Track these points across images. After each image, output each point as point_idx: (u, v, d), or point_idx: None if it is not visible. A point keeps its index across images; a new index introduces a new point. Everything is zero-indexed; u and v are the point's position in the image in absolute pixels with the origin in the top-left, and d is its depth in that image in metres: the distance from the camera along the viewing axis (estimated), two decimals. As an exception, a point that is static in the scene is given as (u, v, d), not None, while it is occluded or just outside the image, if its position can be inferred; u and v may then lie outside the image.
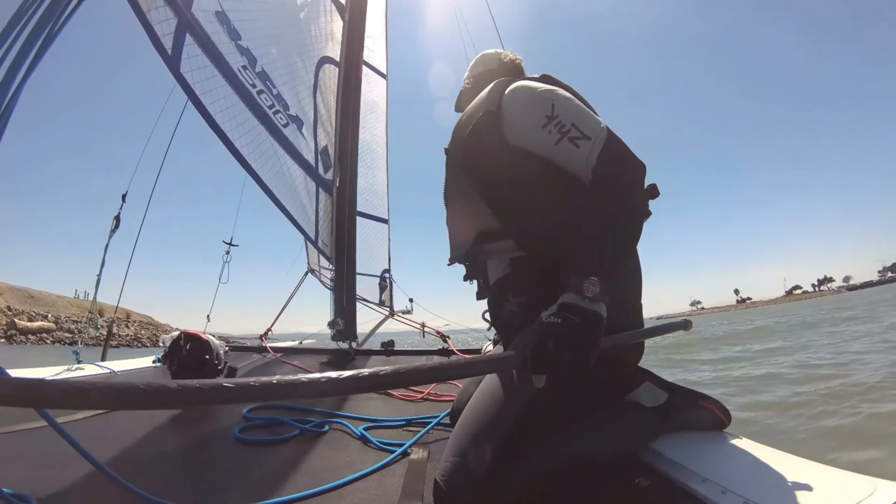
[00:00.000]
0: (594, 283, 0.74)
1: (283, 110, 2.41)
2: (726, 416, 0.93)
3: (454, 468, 0.82)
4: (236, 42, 2.08)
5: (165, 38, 1.61)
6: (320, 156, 2.86)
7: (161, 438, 1.39)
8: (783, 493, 0.62)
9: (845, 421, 3.44)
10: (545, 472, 0.81)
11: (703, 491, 0.68)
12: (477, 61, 1.33)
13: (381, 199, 4.53)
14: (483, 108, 1.02)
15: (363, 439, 1.34)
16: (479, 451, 0.81)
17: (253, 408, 1.58)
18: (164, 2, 1.61)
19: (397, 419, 1.54)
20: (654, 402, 0.93)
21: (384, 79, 4.72)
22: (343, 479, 1.02)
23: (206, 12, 1.91)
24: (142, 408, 0.47)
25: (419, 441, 1.32)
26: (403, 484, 1.03)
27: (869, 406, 3.68)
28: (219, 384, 0.47)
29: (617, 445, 0.88)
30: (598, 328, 0.74)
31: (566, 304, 0.75)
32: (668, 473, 0.78)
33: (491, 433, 0.83)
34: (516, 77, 1.14)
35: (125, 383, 0.44)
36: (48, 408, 0.76)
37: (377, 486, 1.02)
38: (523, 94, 0.97)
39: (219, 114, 1.90)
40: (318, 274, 3.64)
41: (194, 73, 1.77)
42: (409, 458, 1.20)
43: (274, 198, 2.23)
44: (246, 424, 1.41)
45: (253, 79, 2.15)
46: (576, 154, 0.86)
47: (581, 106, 0.94)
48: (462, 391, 1.36)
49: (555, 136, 0.88)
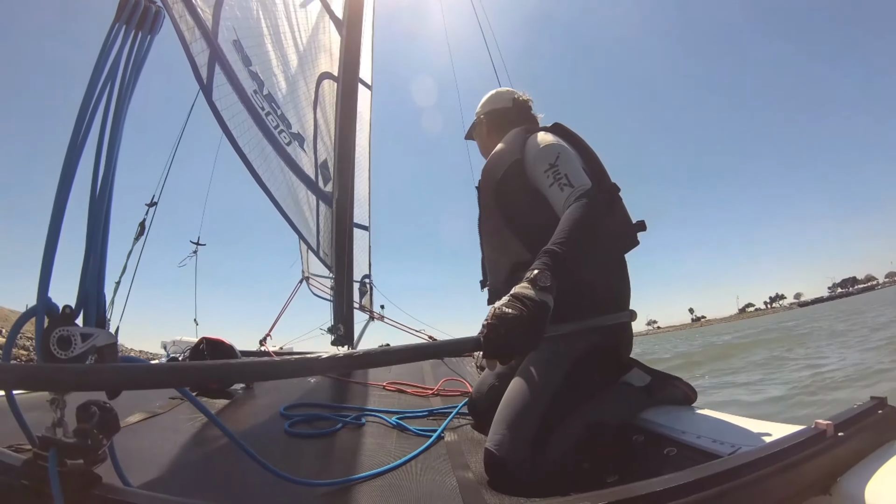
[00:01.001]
0: (547, 277, 0.87)
1: (287, 129, 2.55)
2: (693, 394, 1.25)
3: (503, 438, 1.07)
4: (248, 68, 2.21)
5: (202, 69, 1.74)
6: (320, 169, 3.00)
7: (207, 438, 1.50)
8: (739, 434, 0.92)
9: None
10: (571, 437, 1.10)
11: (684, 438, 0.99)
12: (491, 98, 1.57)
13: (362, 206, 4.69)
14: (511, 156, 1.30)
15: (400, 427, 1.56)
16: (524, 423, 1.08)
17: (288, 406, 1.73)
18: (200, 35, 1.73)
19: (421, 410, 1.77)
20: (642, 383, 1.25)
21: (369, 90, 4.89)
22: (404, 458, 1.23)
23: (227, 42, 2.04)
24: (154, 387, 0.65)
25: (447, 427, 1.56)
26: (450, 459, 1.26)
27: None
28: (229, 363, 0.67)
29: (617, 414, 1.18)
30: (543, 317, 0.83)
31: (517, 293, 0.85)
32: (657, 430, 1.09)
33: (530, 411, 1.10)
34: (526, 117, 1.44)
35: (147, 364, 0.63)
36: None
37: (430, 461, 1.25)
38: (540, 143, 1.26)
39: (240, 137, 2.03)
40: (311, 282, 3.75)
41: (222, 101, 1.90)
42: (444, 440, 1.44)
43: (285, 214, 2.37)
44: (291, 420, 1.57)
45: (262, 102, 2.28)
46: (559, 195, 1.15)
47: (577, 164, 1.22)
48: (480, 383, 1.63)
49: (550, 179, 1.17)
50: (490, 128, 1.56)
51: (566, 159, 1.20)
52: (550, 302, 0.86)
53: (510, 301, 0.84)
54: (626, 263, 1.33)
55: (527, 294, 0.84)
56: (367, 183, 4.92)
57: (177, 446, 1.26)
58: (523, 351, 0.85)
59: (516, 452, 1.04)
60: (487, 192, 1.36)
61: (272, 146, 2.21)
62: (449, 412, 1.72)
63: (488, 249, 1.39)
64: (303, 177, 2.60)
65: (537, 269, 0.89)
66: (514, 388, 1.18)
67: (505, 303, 0.84)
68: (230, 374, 0.87)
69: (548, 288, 0.86)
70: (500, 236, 1.32)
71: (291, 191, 2.42)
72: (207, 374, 0.90)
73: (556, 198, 1.16)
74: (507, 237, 1.28)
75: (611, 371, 1.27)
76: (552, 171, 1.18)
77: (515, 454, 1.04)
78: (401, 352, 0.77)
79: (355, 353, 0.74)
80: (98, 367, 0.63)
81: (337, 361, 0.71)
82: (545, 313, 0.84)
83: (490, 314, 0.83)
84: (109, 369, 0.62)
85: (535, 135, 1.30)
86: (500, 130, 1.49)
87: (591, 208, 1.07)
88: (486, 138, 1.55)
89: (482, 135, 1.60)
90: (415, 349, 0.79)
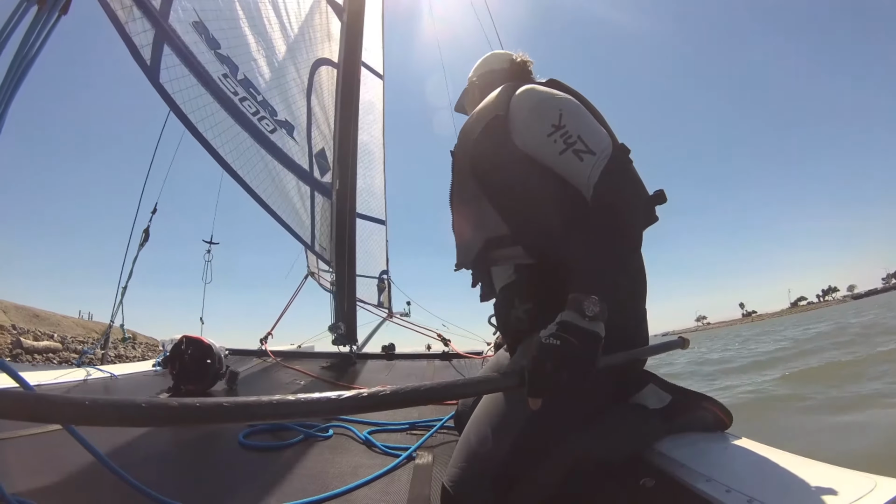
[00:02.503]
0: (594, 303, 0.73)
1: (270, 116, 2.41)
2: (728, 417, 0.93)
3: (462, 473, 0.82)
4: (216, 51, 2.08)
5: (144, 49, 1.62)
6: (316, 159, 2.85)
7: (164, 440, 1.38)
8: (786, 491, 0.63)
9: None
10: (553, 476, 0.82)
11: (708, 490, 0.69)
12: (485, 60, 1.30)
13: (378, 200, 4.53)
14: (492, 111, 1.01)
15: (367, 443, 1.35)
16: (488, 456, 0.82)
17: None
18: (141, 13, 1.61)
19: (401, 423, 1.55)
20: (659, 404, 0.94)
21: (381, 79, 4.72)
22: (349, 485, 1.03)
23: (184, 23, 1.92)
24: (142, 425, 0.48)
25: (424, 445, 1.33)
26: (410, 489, 1.03)
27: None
28: (218, 403, 0.49)
29: (622, 446, 0.89)
30: (596, 350, 0.73)
31: (565, 322, 0.74)
32: (673, 473, 0.79)
33: (499, 438, 0.84)
34: (523, 81, 1.14)
35: (127, 400, 0.45)
36: (56, 423, 0.76)
37: (383, 491, 1.03)
38: (531, 98, 0.96)
39: (200, 122, 1.91)
40: (317, 277, 3.64)
41: (174, 83, 1.79)
42: (415, 462, 1.21)
43: (262, 202, 2.24)
44: (250, 430, 1.41)
45: (235, 86, 2.15)
46: (579, 167, 0.85)
47: (590, 118, 0.93)
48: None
49: (560, 146, 0.87)
50: (483, 90, 1.24)
51: (573, 114, 0.91)
52: (602, 332, 0.74)
53: (557, 331, 0.73)
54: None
55: (576, 324, 0.73)
56: (383, 175, 4.77)
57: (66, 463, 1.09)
58: (572, 389, 0.73)
59: (475, 495, 0.79)
60: (463, 156, 1.10)
61: (249, 133, 2.08)
62: (433, 425, 1.49)
63: (459, 221, 1.12)
64: (292, 166, 2.46)
65: (581, 293, 0.76)
66: (482, 407, 0.93)
67: (552, 332, 0.73)
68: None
69: (597, 316, 0.74)
70: (473, 206, 1.05)
71: (276, 180, 2.27)
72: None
73: (573, 170, 0.87)
74: (481, 207, 1.02)
75: (617, 386, 0.97)
76: (559, 133, 0.88)
77: (474, 497, 0.79)
78: (415, 393, 0.63)
79: (360, 394, 0.58)
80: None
81: (333, 404, 0.57)
82: (596, 345, 0.73)
83: (535, 346, 0.73)
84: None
85: (524, 88, 1.01)
86: (492, 90, 1.19)
87: (627, 201, 0.86)
88: (479, 101, 1.25)
89: (473, 100, 1.30)
90: (433, 390, 0.66)
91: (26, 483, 0.95)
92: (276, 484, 1.06)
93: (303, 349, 3.40)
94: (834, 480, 0.64)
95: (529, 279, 0.96)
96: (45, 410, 0.46)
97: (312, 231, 2.65)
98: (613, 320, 0.77)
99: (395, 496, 1.01)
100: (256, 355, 2.88)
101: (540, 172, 0.91)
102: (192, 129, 1.76)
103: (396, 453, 1.24)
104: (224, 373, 2.07)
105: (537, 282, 0.94)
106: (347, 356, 2.87)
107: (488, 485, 0.80)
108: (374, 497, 1.00)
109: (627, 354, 0.87)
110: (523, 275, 0.97)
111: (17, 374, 0.90)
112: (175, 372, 1.95)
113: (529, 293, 0.96)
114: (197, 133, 1.78)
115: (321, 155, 2.85)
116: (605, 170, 0.84)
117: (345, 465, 1.18)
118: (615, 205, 0.84)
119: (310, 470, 1.16)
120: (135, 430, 1.42)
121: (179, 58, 1.76)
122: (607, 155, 0.86)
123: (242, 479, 1.10)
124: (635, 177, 0.96)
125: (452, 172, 1.15)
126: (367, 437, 1.37)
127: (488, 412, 0.89)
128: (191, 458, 1.29)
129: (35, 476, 1.01)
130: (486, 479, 0.80)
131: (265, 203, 2.13)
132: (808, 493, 0.61)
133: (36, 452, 1.17)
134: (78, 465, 1.04)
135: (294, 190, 2.46)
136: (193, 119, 1.78)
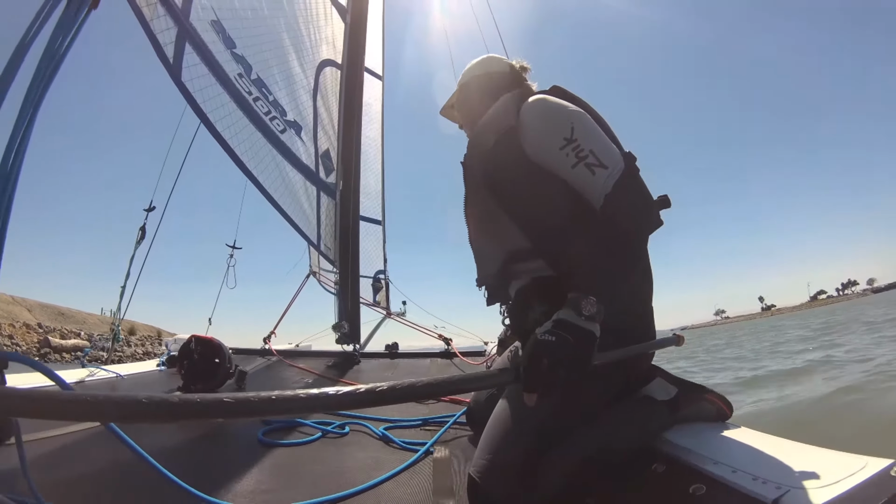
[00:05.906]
0: (592, 303, 0.77)
1: (280, 116, 2.44)
2: (729, 408, 1.01)
3: (489, 464, 0.88)
4: (231, 50, 2.10)
5: (167, 47, 1.64)
6: (321, 159, 2.88)
7: (181, 438, 1.41)
8: (787, 470, 0.70)
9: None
10: (572, 464, 0.88)
11: (716, 471, 0.76)
12: (484, 61, 1.27)
13: (373, 200, 4.55)
14: (504, 123, 1.04)
15: (385, 439, 1.40)
16: (511, 448, 0.88)
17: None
18: (164, 11, 1.63)
19: (414, 419, 1.60)
20: (666, 396, 1.01)
21: (380, 80, 4.74)
22: (375, 480, 1.07)
23: (203, 21, 1.94)
24: (146, 421, 0.51)
25: (439, 440, 1.38)
26: (433, 481, 1.09)
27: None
28: (219, 399, 0.51)
29: (635, 436, 0.95)
30: (590, 348, 0.77)
31: (562, 320, 0.77)
32: (682, 459, 0.86)
33: (522, 431, 0.90)
34: (520, 84, 1.17)
35: (128, 396, 0.48)
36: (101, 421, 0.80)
37: (408, 484, 1.08)
38: (543, 110, 1.00)
39: (219, 122, 1.93)
40: (319, 277, 3.66)
41: (194, 82, 1.81)
42: (433, 456, 1.26)
43: (274, 202, 2.27)
44: (268, 427, 1.45)
45: (249, 86, 2.18)
46: (591, 180, 0.90)
47: (600, 132, 0.98)
48: (478, 391, 1.43)
49: (572, 159, 0.92)
50: (483, 93, 1.23)
51: (585, 129, 0.95)
52: (597, 331, 0.78)
53: (553, 328, 0.76)
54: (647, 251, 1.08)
55: (571, 322, 0.77)
56: (380, 176, 4.77)
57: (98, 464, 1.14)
58: (566, 385, 0.77)
59: (501, 484, 0.85)
60: (475, 168, 1.13)
61: (261, 132, 2.10)
62: (445, 421, 1.54)
63: (476, 235, 1.16)
64: (300, 166, 2.48)
65: (580, 293, 0.80)
66: (504, 402, 0.99)
67: (548, 329, 0.76)
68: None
69: (593, 316, 0.78)
70: (491, 220, 1.09)
71: (286, 180, 2.31)
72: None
73: (585, 182, 0.91)
74: (499, 221, 1.05)
75: (627, 381, 1.04)
76: (571, 147, 0.92)
77: (500, 486, 0.85)
78: (413, 388, 0.67)
79: (357, 390, 0.60)
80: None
81: (336, 399, 0.58)
82: (591, 344, 0.77)
83: (531, 343, 0.77)
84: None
85: (535, 98, 1.05)
86: (493, 96, 1.20)
87: (639, 210, 0.91)
88: (478, 104, 1.20)
89: (470, 101, 1.26)
90: (434, 385, 0.69)
91: (66, 483, 0.98)
92: (302, 479, 1.10)
93: (300, 348, 3.42)
94: (828, 461, 0.71)
95: (545, 282, 1.00)
96: (88, 409, 0.47)
97: (318, 231, 2.68)
98: (621, 321, 0.83)
99: (419, 488, 1.06)
100: (260, 354, 2.90)
101: (552, 183, 0.95)
102: (210, 127, 1.78)
103: (415, 448, 1.29)
104: (233, 372, 2.09)
105: (554, 283, 1.00)
106: (351, 355, 2.91)
107: (513, 474, 0.86)
108: (400, 490, 1.05)
109: (621, 352, 0.90)
110: (538, 280, 1.01)
111: (54, 374, 0.93)
112: (184, 371, 1.97)
113: (546, 294, 1.00)
114: (215, 131, 1.80)
115: (326, 156, 2.88)
116: (617, 182, 0.90)
117: (367, 461, 1.23)
118: (626, 214, 0.89)
119: (332, 466, 1.20)
120: (149, 428, 1.45)
121: (199, 56, 1.79)
122: (620, 168, 0.91)
123: (267, 475, 1.14)
124: (642, 185, 1.03)
125: (465, 184, 1.18)
126: (385, 433, 1.41)
127: (512, 406, 0.94)
128: (212, 455, 1.32)
129: (71, 476, 1.04)
130: (510, 469, 0.86)
131: (277, 203, 2.16)
132: (806, 472, 0.68)
133: (67, 452, 1.19)
134: (109, 464, 1.08)
135: (302, 190, 2.49)
136: (213, 118, 1.80)
